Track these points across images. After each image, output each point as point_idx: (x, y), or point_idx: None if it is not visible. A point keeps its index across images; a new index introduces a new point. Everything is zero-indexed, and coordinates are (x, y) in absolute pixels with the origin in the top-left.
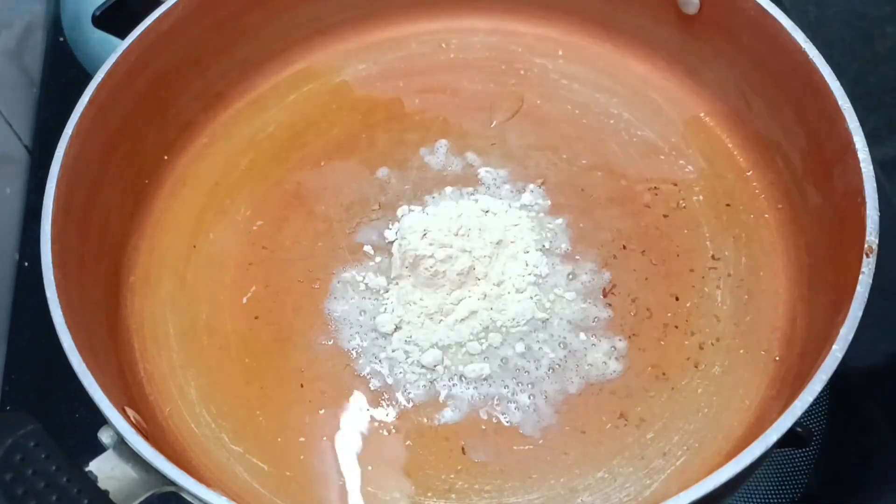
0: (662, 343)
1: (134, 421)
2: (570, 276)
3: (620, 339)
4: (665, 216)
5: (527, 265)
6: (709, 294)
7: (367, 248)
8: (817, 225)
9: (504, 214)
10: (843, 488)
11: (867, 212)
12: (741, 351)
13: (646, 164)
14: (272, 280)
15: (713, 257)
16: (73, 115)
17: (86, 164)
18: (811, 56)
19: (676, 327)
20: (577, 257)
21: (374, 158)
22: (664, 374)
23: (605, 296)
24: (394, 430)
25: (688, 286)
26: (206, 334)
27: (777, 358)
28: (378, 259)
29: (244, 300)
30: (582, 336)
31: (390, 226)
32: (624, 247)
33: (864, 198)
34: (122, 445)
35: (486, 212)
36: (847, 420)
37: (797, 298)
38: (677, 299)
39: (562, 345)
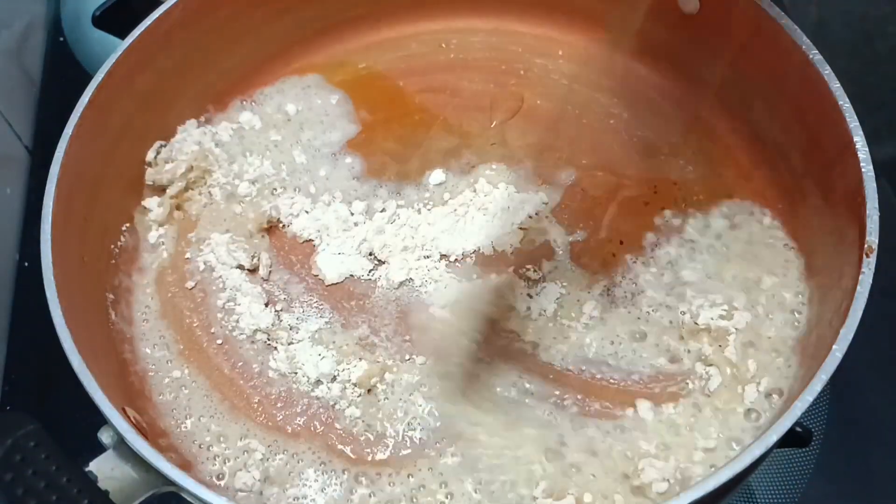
0: None
1: (134, 421)
2: (571, 276)
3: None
4: (665, 216)
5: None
6: None
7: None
8: (817, 225)
9: (503, 213)
10: (843, 488)
11: (867, 212)
12: None
13: (646, 164)
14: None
15: None
16: (73, 115)
17: (86, 164)
18: (811, 56)
19: None
20: (578, 257)
21: (374, 159)
22: None
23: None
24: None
25: None
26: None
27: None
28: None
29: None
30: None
31: (388, 226)
32: (623, 244)
33: (864, 198)
34: (122, 445)
35: (485, 211)
36: (847, 420)
37: (798, 298)
38: None
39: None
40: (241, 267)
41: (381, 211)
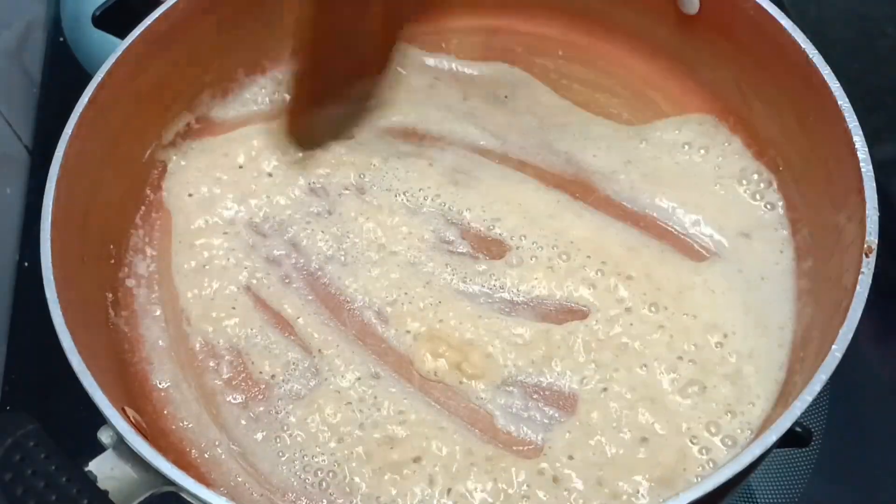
0: None
1: (133, 420)
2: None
3: None
4: None
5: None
6: None
7: None
8: (817, 225)
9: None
10: (843, 488)
11: (867, 212)
12: None
13: None
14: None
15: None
16: (73, 115)
17: (86, 164)
18: (811, 56)
19: None
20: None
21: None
22: None
23: None
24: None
25: None
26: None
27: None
28: None
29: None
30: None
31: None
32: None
33: (863, 198)
34: (121, 445)
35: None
36: (847, 420)
37: (798, 298)
38: None
39: None
40: None
41: None
